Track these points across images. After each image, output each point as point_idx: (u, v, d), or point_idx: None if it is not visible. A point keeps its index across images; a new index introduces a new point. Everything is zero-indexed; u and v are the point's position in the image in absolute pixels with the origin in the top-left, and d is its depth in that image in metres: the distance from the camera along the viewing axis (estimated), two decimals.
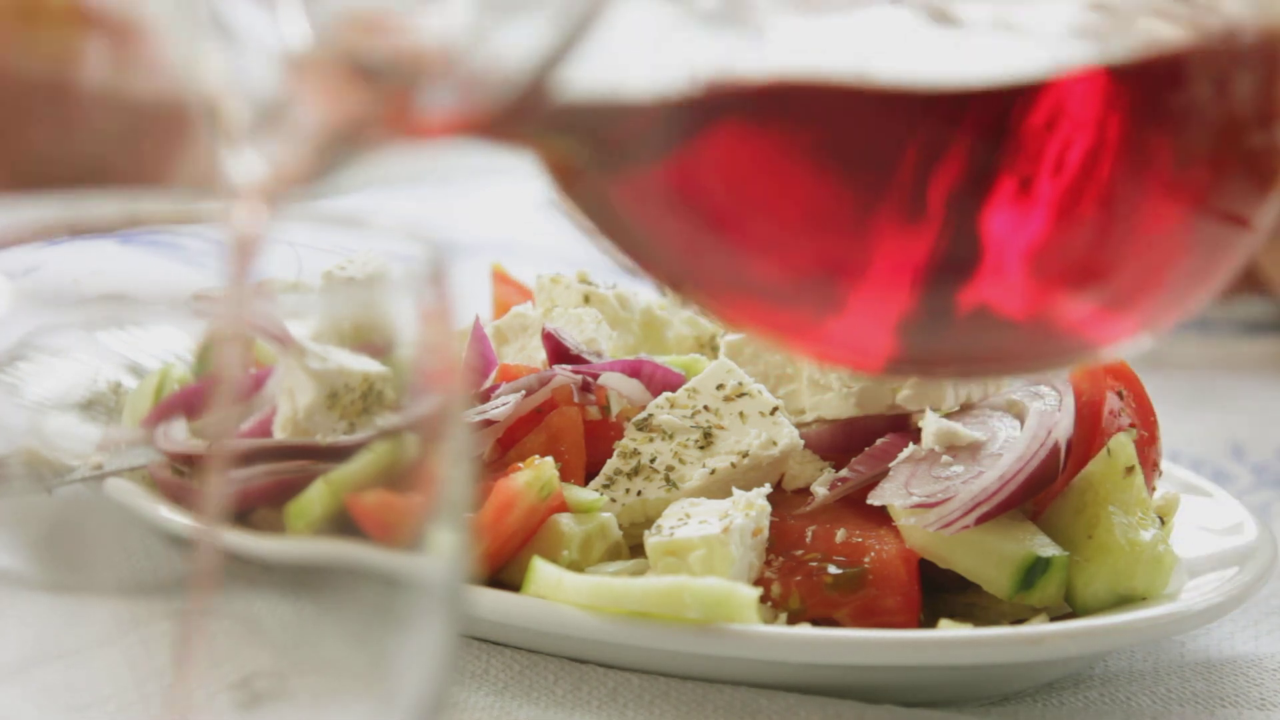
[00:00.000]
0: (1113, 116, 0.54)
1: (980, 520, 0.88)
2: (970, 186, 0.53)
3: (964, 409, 0.96)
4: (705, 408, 0.96)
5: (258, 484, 0.58)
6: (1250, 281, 1.76)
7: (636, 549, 0.92)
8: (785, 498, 0.94)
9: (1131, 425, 0.95)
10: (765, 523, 0.89)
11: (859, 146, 0.53)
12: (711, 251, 0.55)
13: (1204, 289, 0.59)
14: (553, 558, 0.89)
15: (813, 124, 0.53)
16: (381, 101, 0.52)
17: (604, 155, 0.55)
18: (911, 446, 0.92)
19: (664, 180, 0.55)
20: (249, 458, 0.60)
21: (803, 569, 0.88)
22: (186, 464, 0.61)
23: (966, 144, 0.53)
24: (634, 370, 0.99)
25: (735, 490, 0.91)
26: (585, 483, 0.95)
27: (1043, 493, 0.91)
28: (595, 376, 0.98)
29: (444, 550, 0.55)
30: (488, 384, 0.98)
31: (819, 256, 0.55)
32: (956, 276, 0.55)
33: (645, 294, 1.10)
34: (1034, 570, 0.88)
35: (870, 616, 0.87)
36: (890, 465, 0.92)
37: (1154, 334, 0.60)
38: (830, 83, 0.53)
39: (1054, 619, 0.88)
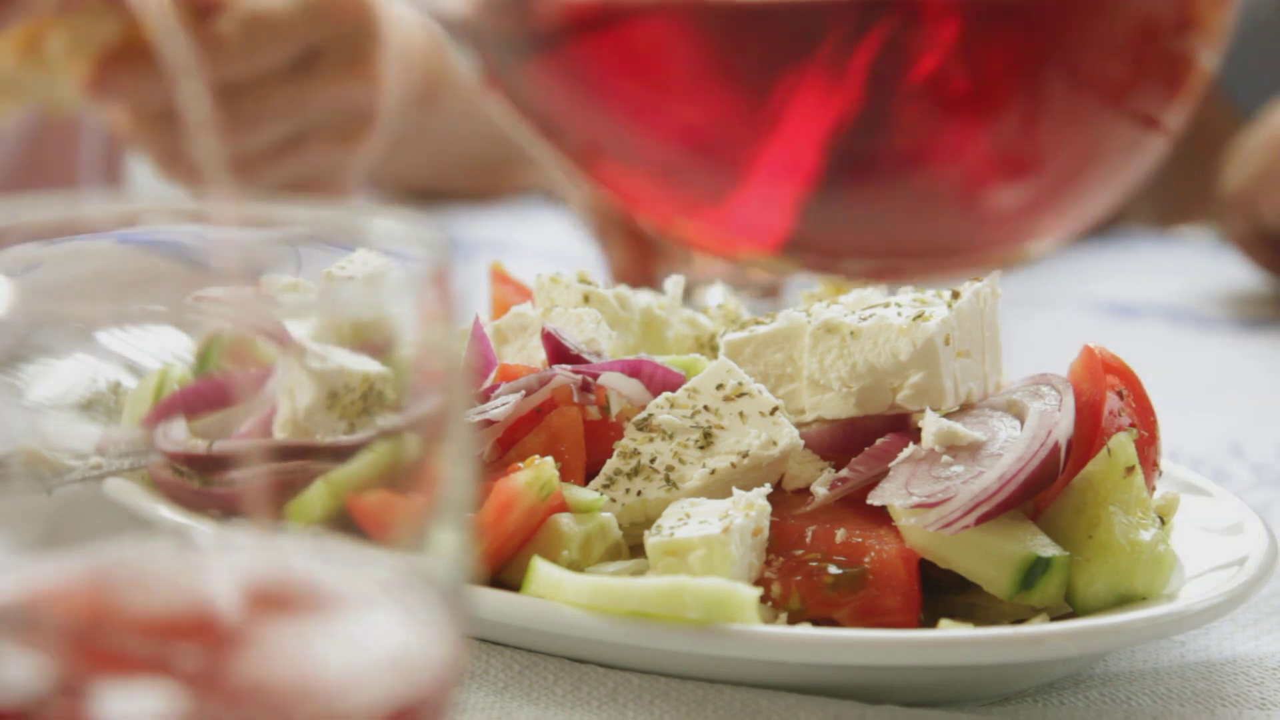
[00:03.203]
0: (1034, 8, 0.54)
1: (980, 520, 0.88)
2: (888, 61, 0.53)
3: (964, 409, 0.96)
4: (705, 408, 0.96)
5: (258, 484, 0.58)
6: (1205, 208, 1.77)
7: (636, 549, 0.92)
8: (785, 498, 0.94)
9: (1131, 425, 0.95)
10: (765, 523, 0.89)
11: (772, 26, 0.53)
12: (617, 128, 0.55)
13: (1113, 187, 0.59)
14: (553, 558, 0.89)
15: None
16: None
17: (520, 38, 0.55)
18: (911, 446, 0.92)
19: (575, 57, 0.55)
20: (249, 458, 0.60)
21: (803, 569, 0.88)
22: (186, 464, 0.61)
23: (889, 22, 0.52)
24: (634, 370, 0.99)
25: (735, 490, 0.91)
26: (585, 483, 0.95)
27: (1043, 493, 0.91)
28: (595, 376, 0.98)
29: (444, 550, 0.55)
30: (488, 384, 0.98)
31: (724, 124, 0.55)
32: (861, 146, 0.54)
33: (645, 294, 1.10)
34: (1034, 570, 0.88)
35: (870, 616, 0.87)
36: (890, 465, 0.92)
37: (1061, 231, 0.59)
38: None
39: (1054, 619, 0.88)
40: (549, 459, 0.92)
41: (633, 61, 0.53)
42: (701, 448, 0.94)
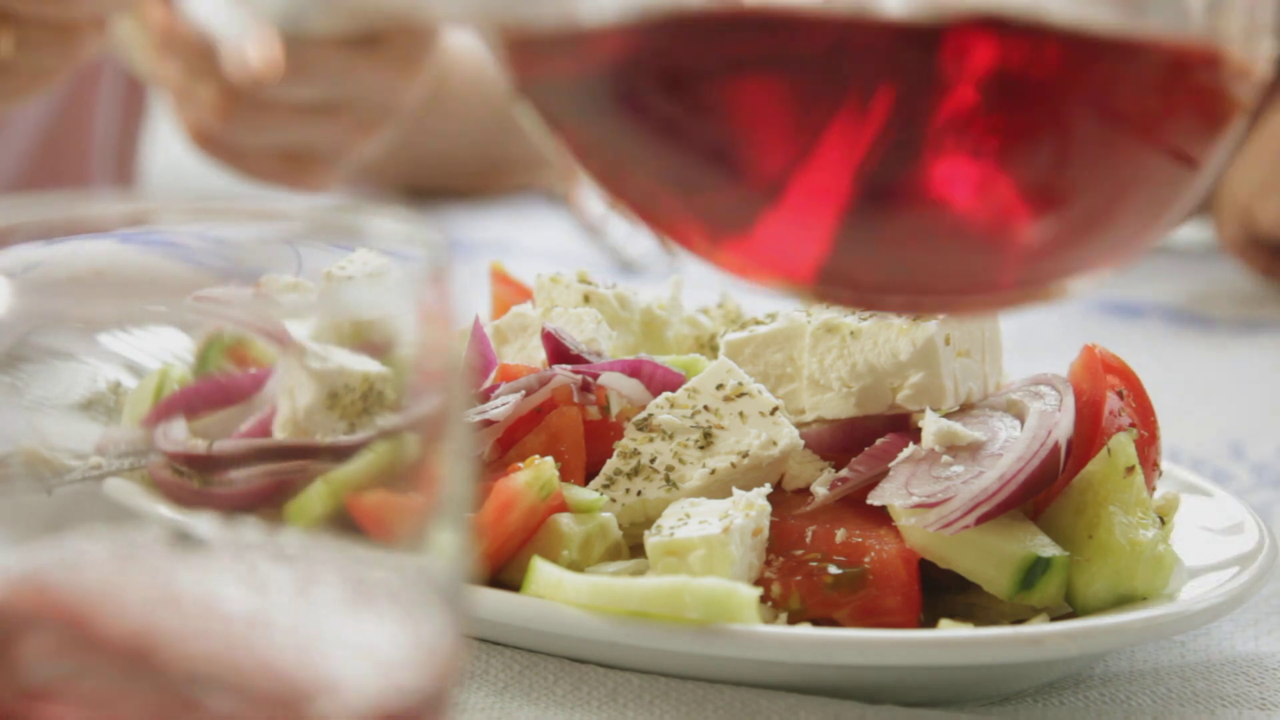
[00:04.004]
0: (1058, 47, 0.55)
1: (980, 520, 0.88)
2: (918, 99, 0.53)
3: (964, 409, 0.96)
4: (705, 408, 0.96)
5: (258, 484, 0.58)
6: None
7: (636, 549, 0.92)
8: (785, 498, 0.94)
9: (1131, 425, 0.95)
10: (765, 523, 0.89)
11: (808, 55, 0.54)
12: (654, 157, 0.56)
13: (1151, 228, 0.60)
14: (553, 558, 0.89)
15: (762, 37, 0.54)
16: None
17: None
18: (911, 446, 0.92)
19: (613, 83, 0.55)
20: (249, 458, 0.60)
21: (803, 569, 0.88)
22: (186, 464, 0.61)
23: (916, 60, 0.53)
24: (634, 370, 0.99)
25: (735, 490, 0.91)
26: (585, 483, 0.95)
27: (1043, 493, 0.91)
28: (595, 376, 0.98)
29: (444, 550, 0.55)
30: (488, 384, 0.98)
31: (760, 160, 0.55)
32: (895, 181, 0.55)
33: (645, 294, 1.10)
34: (1034, 570, 0.88)
35: (870, 616, 0.87)
36: (890, 465, 0.92)
37: (1099, 271, 0.60)
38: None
39: (1054, 619, 0.88)
40: (549, 459, 0.92)
41: (674, 90, 0.55)
42: (701, 448, 0.94)
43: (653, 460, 0.94)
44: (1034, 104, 0.55)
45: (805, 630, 0.85)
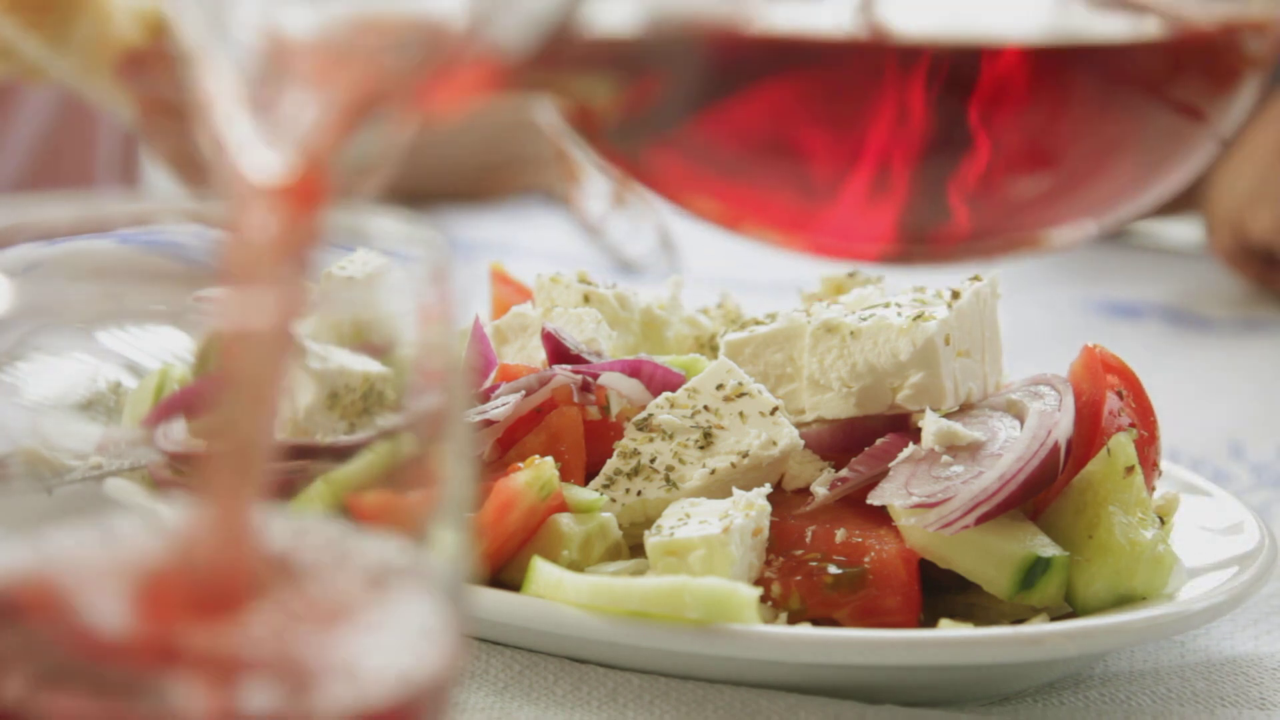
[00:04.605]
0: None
1: (980, 520, 0.88)
2: (951, 91, 0.57)
3: (964, 409, 0.96)
4: (705, 408, 0.96)
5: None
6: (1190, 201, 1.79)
7: (636, 549, 0.92)
8: (785, 498, 0.94)
9: (1131, 425, 0.95)
10: (765, 523, 0.89)
11: (857, 81, 0.57)
12: (735, 172, 0.59)
13: (1158, 179, 0.62)
14: (553, 558, 0.89)
15: (815, 65, 0.57)
16: (405, 71, 0.53)
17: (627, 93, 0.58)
18: (911, 446, 0.92)
19: (686, 117, 0.58)
20: None
21: (803, 569, 0.88)
22: (186, 464, 0.61)
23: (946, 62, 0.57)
24: (634, 370, 0.99)
25: (735, 490, 0.91)
26: (585, 483, 0.95)
27: (1043, 493, 0.91)
28: (595, 376, 0.98)
29: (445, 550, 0.55)
30: (488, 384, 0.98)
31: (824, 161, 0.59)
32: (938, 161, 0.59)
33: (645, 294, 1.10)
34: (1034, 570, 0.88)
35: (870, 616, 0.87)
36: (890, 465, 0.92)
37: (1103, 219, 0.63)
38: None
39: (1054, 619, 0.88)
40: (549, 459, 0.92)
41: (740, 96, 0.60)
42: (701, 448, 0.94)
43: (653, 460, 0.94)
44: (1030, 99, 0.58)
45: (805, 630, 0.85)
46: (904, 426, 0.95)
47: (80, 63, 1.39)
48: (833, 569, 0.88)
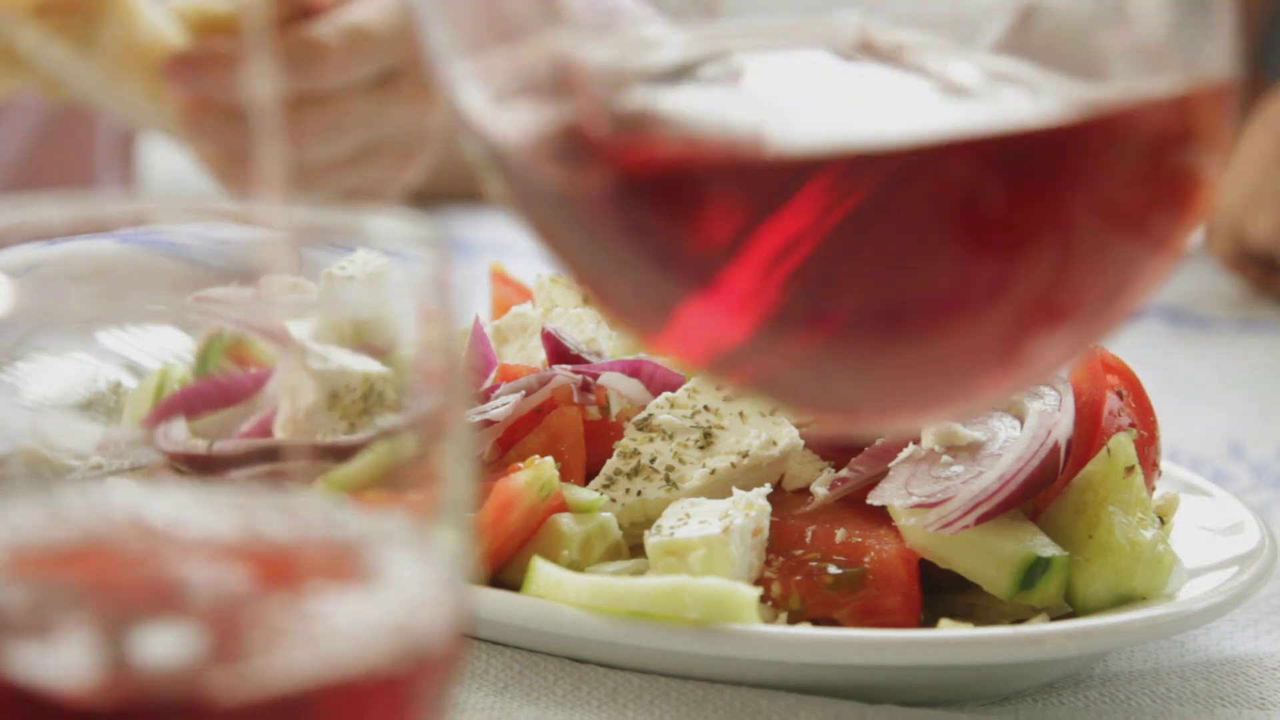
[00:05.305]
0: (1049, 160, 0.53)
1: (980, 520, 0.88)
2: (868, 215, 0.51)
3: None
4: (705, 407, 0.96)
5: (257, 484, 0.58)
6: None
7: (636, 549, 0.92)
8: (785, 498, 0.94)
9: (1131, 425, 0.95)
10: (765, 523, 0.89)
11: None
12: (645, 268, 0.55)
13: (1125, 312, 0.59)
14: (553, 558, 0.89)
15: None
16: None
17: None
18: (911, 446, 0.92)
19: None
20: (249, 458, 0.60)
21: (803, 569, 0.88)
22: (186, 464, 0.61)
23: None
24: (634, 370, 0.99)
25: (735, 490, 0.91)
26: (585, 483, 0.95)
27: (1043, 493, 0.91)
28: (595, 376, 0.98)
29: (445, 550, 0.55)
30: (488, 384, 0.98)
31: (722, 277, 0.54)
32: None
33: None
34: (1034, 570, 0.88)
35: (870, 616, 0.87)
36: (890, 465, 0.92)
37: (1073, 353, 0.59)
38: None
39: (1054, 619, 0.88)
40: (549, 459, 0.92)
41: (663, 213, 0.53)
42: (701, 448, 0.94)
43: (653, 460, 0.94)
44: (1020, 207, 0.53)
45: (805, 630, 0.85)
46: None
47: (107, 66, 1.39)
48: (833, 569, 0.88)
